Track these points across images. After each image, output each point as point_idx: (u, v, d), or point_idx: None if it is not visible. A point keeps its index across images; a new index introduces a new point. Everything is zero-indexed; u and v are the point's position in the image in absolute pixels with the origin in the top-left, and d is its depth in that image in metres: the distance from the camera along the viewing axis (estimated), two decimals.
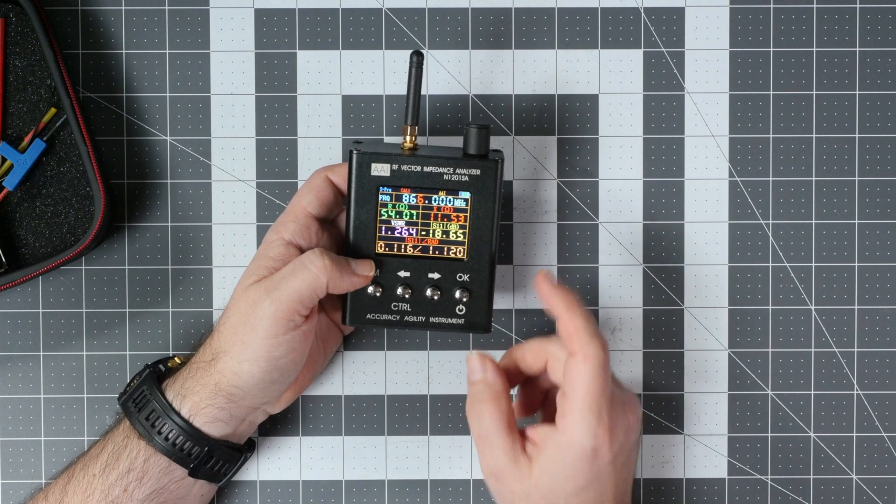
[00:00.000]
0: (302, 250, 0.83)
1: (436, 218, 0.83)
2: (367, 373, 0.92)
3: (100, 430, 0.91)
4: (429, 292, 0.84)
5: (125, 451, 0.83)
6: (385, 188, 0.83)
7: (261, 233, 0.92)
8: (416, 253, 0.84)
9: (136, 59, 0.91)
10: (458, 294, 0.84)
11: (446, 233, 0.83)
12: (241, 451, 0.86)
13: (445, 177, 0.83)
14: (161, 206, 0.92)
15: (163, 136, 0.92)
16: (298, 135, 0.92)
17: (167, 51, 0.92)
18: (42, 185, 0.90)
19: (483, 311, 0.84)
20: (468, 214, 0.83)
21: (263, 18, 0.92)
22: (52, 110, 0.89)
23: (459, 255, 0.84)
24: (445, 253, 0.84)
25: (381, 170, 0.83)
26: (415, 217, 0.83)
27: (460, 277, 0.84)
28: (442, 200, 0.83)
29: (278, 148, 0.92)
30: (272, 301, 0.81)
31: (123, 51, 0.91)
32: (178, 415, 0.82)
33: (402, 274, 0.84)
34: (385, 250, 0.84)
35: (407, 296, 0.84)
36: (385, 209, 0.83)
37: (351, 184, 0.83)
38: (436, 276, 0.84)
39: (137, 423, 0.83)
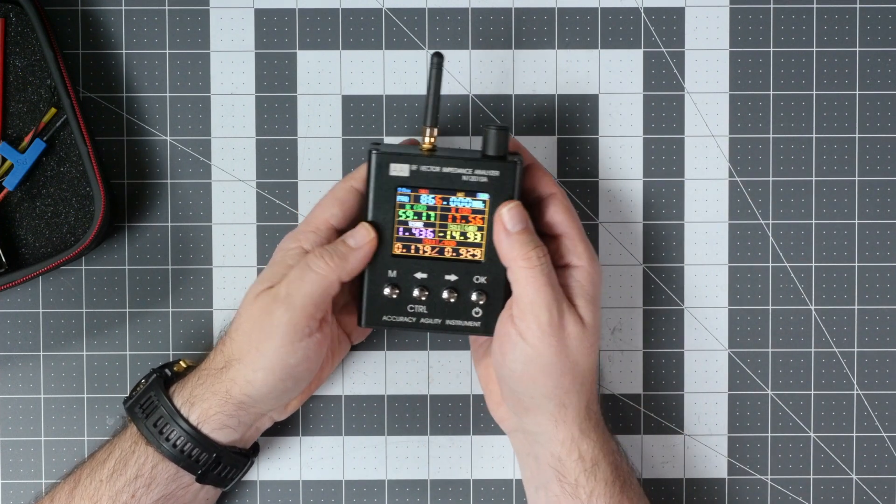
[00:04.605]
0: None
1: (454, 219, 0.83)
2: (367, 373, 0.92)
3: (100, 430, 0.91)
4: (445, 294, 0.83)
5: (133, 457, 0.82)
6: (403, 189, 0.82)
7: (261, 233, 0.92)
8: (434, 254, 0.83)
9: (136, 59, 0.91)
10: (474, 296, 0.83)
11: (464, 234, 0.83)
12: (248, 456, 0.86)
13: (464, 178, 0.82)
14: (161, 206, 0.92)
15: (163, 136, 0.92)
16: (298, 135, 0.92)
17: (167, 51, 0.92)
18: (42, 185, 0.90)
19: (500, 314, 0.83)
20: (486, 216, 0.83)
21: (263, 18, 0.92)
22: (52, 110, 0.89)
23: (477, 257, 0.83)
24: (463, 255, 0.83)
25: (399, 170, 0.82)
26: (433, 218, 0.83)
27: (477, 280, 0.83)
28: (460, 202, 0.82)
29: (278, 148, 0.92)
30: (287, 308, 0.80)
31: (123, 51, 0.91)
32: (187, 421, 0.82)
33: (419, 275, 0.83)
34: (402, 251, 0.83)
35: (423, 297, 0.83)
36: (403, 210, 0.82)
37: (369, 184, 0.82)
38: (453, 277, 0.83)
39: (145, 428, 0.83)
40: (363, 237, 0.82)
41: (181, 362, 0.88)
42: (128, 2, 0.91)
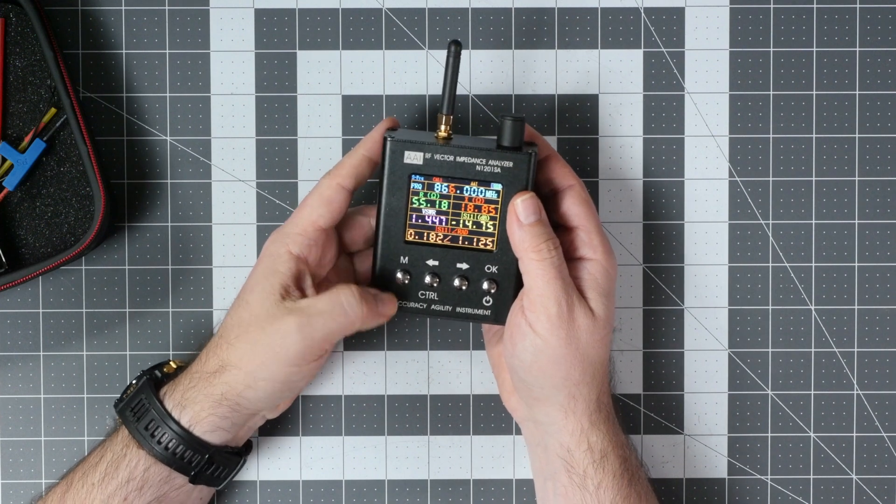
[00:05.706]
0: (309, 263, 0.83)
1: (466, 208, 0.83)
2: (367, 373, 0.92)
3: (100, 430, 0.91)
4: (456, 282, 0.84)
5: (124, 460, 0.82)
6: (417, 176, 0.83)
7: (261, 233, 0.92)
8: (446, 242, 0.83)
9: (136, 59, 0.91)
10: (485, 285, 0.84)
11: (477, 224, 0.83)
12: (241, 454, 0.86)
13: (478, 168, 0.82)
14: (161, 206, 0.92)
15: (163, 136, 0.92)
16: (298, 135, 0.92)
17: (167, 51, 0.92)
18: (42, 185, 0.90)
19: (510, 304, 0.84)
20: (499, 206, 0.83)
21: (263, 18, 0.92)
22: (52, 110, 0.89)
23: (489, 247, 0.83)
24: (475, 244, 0.83)
25: (413, 158, 0.82)
26: (446, 206, 0.83)
27: (489, 269, 0.84)
28: (473, 191, 0.83)
29: (278, 148, 0.92)
30: (304, 337, 0.80)
31: (123, 51, 0.91)
32: (178, 424, 0.82)
33: (431, 262, 0.84)
34: (415, 238, 0.84)
35: (435, 284, 0.84)
36: (416, 197, 0.83)
37: (383, 170, 0.82)
38: (464, 266, 0.84)
39: (136, 432, 0.82)
40: (389, 309, 0.83)
41: (171, 363, 0.87)
42: (128, 2, 0.91)
